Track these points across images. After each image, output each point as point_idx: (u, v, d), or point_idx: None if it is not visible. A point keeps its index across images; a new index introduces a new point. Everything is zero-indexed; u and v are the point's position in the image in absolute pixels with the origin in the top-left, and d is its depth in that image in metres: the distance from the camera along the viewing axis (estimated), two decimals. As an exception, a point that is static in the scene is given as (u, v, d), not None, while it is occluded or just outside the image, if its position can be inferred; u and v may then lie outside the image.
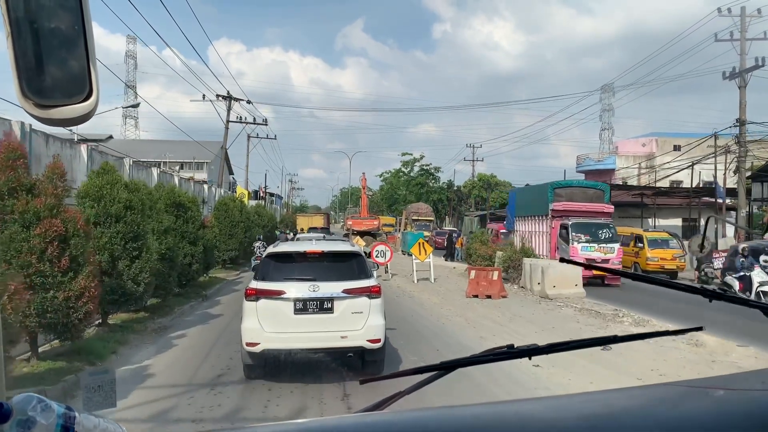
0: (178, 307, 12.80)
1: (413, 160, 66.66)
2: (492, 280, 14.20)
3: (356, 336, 6.86)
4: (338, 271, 7.15)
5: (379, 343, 6.92)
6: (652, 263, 20.23)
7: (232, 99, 31.97)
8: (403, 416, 1.00)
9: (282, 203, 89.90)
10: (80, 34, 0.87)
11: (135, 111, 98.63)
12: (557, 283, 13.95)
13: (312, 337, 6.92)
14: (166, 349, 9.02)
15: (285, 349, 7.33)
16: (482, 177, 60.13)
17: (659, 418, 0.94)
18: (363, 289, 6.96)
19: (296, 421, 1.07)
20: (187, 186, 25.87)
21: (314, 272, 7.06)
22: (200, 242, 14.74)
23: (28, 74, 0.85)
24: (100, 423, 0.88)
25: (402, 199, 70.39)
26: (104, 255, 9.04)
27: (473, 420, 0.97)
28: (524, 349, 1.13)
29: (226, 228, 21.74)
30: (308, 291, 6.84)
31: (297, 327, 6.84)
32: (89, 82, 0.88)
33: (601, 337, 1.20)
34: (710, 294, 1.22)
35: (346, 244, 9.30)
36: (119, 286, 9.26)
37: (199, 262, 14.51)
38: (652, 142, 62.21)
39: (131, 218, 9.52)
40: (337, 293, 6.86)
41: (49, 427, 0.80)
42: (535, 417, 1.00)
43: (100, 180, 9.50)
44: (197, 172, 51.01)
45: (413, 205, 50.51)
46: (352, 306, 6.89)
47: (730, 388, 1.10)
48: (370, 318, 6.91)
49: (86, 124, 0.97)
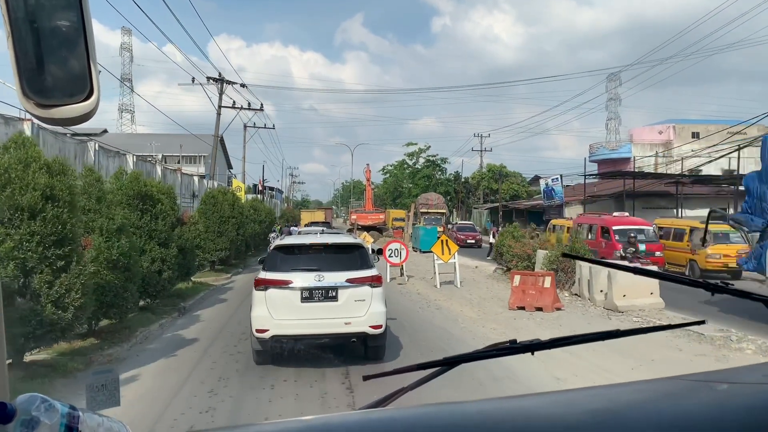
0: (142, 329, 9.87)
1: (418, 151, 63.44)
2: (543, 288, 11.25)
3: (359, 322, 7.22)
4: (342, 262, 7.49)
5: (380, 329, 7.31)
6: (713, 261, 17.23)
7: (224, 82, 28.95)
8: (406, 413, 0.99)
9: (282, 198, 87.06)
10: (80, 34, 0.86)
11: (131, 105, 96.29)
12: (628, 292, 10.98)
13: (318, 324, 7.23)
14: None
15: (293, 335, 7.39)
16: (492, 167, 57.01)
17: (663, 412, 0.92)
18: (365, 279, 7.35)
19: (300, 419, 0.99)
20: (173, 178, 22.98)
21: (319, 263, 7.42)
22: (174, 243, 11.79)
23: (28, 74, 0.84)
24: (104, 422, 0.88)
25: (407, 193, 67.33)
26: (8, 267, 6.10)
27: (478, 416, 0.96)
28: (527, 344, 1.12)
29: (215, 225, 18.78)
30: (314, 280, 7.22)
31: (304, 314, 7.19)
32: (90, 82, 0.87)
33: (604, 332, 1.19)
34: (712, 287, 1.23)
35: (349, 237, 9.76)
36: (33, 313, 6.32)
37: (172, 267, 11.57)
38: (669, 129, 59.17)
39: (53, 213, 6.57)
40: (341, 282, 7.25)
41: (53, 426, 0.80)
42: (539, 413, 0.98)
43: (7, 158, 6.55)
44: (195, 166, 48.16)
45: (423, 196, 45.11)
46: (355, 294, 7.26)
47: (733, 382, 1.09)
48: (372, 305, 7.28)
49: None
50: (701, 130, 59.03)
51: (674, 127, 58.57)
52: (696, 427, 0.88)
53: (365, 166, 53.60)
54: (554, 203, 40.51)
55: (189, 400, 6.17)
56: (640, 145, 57.97)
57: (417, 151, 63.38)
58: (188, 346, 9.01)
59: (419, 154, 63.41)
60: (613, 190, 40.35)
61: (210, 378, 7.07)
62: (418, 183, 61.79)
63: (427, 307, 12.27)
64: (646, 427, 0.88)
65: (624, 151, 57.86)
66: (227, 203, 19.92)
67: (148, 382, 6.94)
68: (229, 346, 8.87)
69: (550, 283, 11.23)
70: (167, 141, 54.23)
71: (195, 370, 7.49)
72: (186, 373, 7.39)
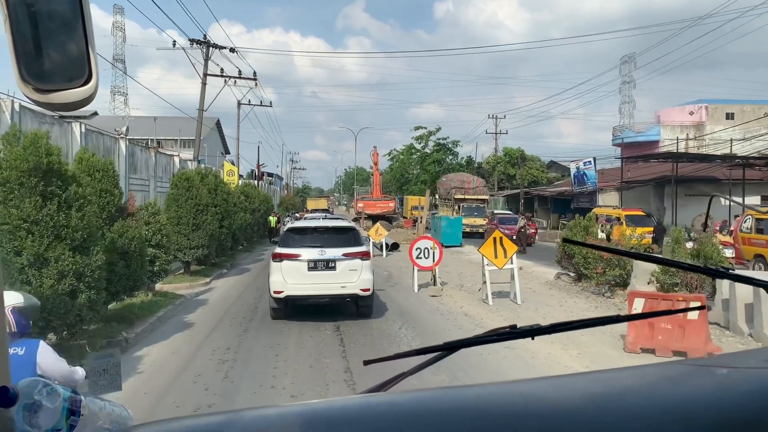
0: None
1: (427, 134, 58.54)
2: (686, 321, 7.00)
3: (352, 286, 9.49)
4: (339, 241, 9.77)
5: (368, 291, 9.61)
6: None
7: (210, 46, 24.55)
8: (406, 397, 0.98)
9: (283, 185, 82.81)
10: (78, 17, 0.85)
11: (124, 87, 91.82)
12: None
13: (320, 287, 9.51)
14: None
15: (301, 296, 9.59)
16: (509, 151, 52.45)
17: (663, 397, 0.92)
18: (357, 254, 9.70)
19: (301, 403, 1.04)
20: (144, 157, 18.68)
21: (322, 241, 9.74)
22: (100, 247, 7.54)
23: (26, 58, 0.84)
24: (105, 406, 0.91)
25: (415, 180, 62.64)
26: None
27: (477, 400, 0.97)
28: (527, 329, 1.13)
29: (189, 215, 14.52)
30: (317, 254, 9.52)
31: (310, 280, 9.47)
32: (88, 66, 0.86)
33: (604, 317, 1.20)
34: (714, 272, 1.23)
35: (344, 221, 12.18)
36: None
37: (95, 285, 7.32)
38: (701, 109, 54.52)
39: None
40: (339, 256, 9.53)
41: (55, 410, 0.81)
42: (539, 397, 0.97)
43: None
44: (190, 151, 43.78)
45: (452, 177, 35.34)
46: (349, 265, 9.52)
47: (733, 366, 1.09)
48: (362, 274, 9.55)
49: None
50: (736, 110, 54.69)
51: (706, 107, 54.01)
52: (696, 411, 0.87)
53: (372, 149, 49.02)
54: (586, 189, 36.11)
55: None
56: (670, 126, 53.48)
57: (426, 134, 58.50)
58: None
59: (428, 137, 58.60)
60: (652, 175, 36.00)
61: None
62: (428, 168, 57.19)
63: (495, 349, 7.99)
64: (646, 411, 0.86)
65: (652, 133, 53.32)
66: (207, 188, 15.64)
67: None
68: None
69: (698, 315, 6.95)
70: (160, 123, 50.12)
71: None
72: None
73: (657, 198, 36.01)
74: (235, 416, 0.92)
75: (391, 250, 22.22)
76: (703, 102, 55.43)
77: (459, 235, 23.97)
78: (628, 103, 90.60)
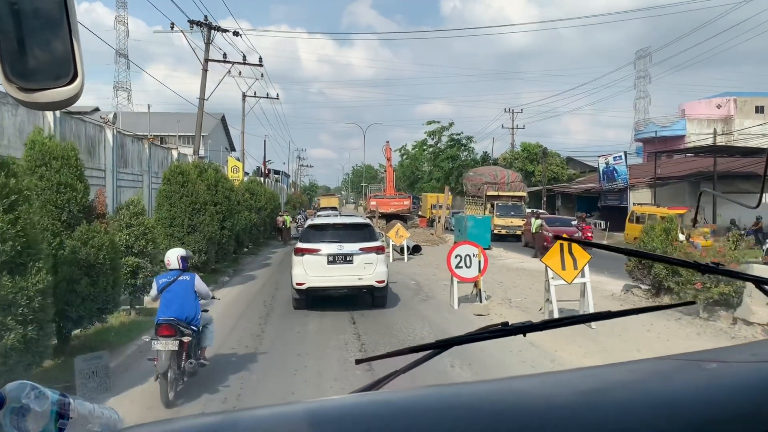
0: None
1: (441, 129, 56.23)
2: None
3: (368, 278, 10.17)
4: (356, 236, 10.50)
5: (383, 283, 10.29)
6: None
7: (211, 28, 22.38)
8: (399, 395, 0.98)
9: (289, 182, 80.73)
10: (63, 15, 0.83)
11: (127, 83, 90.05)
12: None
13: (339, 279, 10.20)
14: None
15: (321, 287, 10.29)
16: (527, 146, 50.05)
17: (653, 392, 0.92)
18: (372, 248, 10.34)
19: (295, 402, 1.04)
20: (136, 148, 16.57)
21: (340, 237, 10.48)
22: (39, 264, 5.35)
23: (11, 57, 0.81)
24: (94, 409, 0.88)
25: (427, 177, 60.37)
26: None
27: (470, 397, 0.96)
28: (519, 326, 1.10)
29: (184, 215, 12.34)
30: (336, 249, 10.20)
31: (329, 272, 10.16)
32: (74, 64, 0.84)
33: (594, 313, 1.20)
34: (703, 267, 1.22)
35: (360, 218, 13.83)
36: None
37: (32, 320, 5.14)
38: (729, 102, 51.90)
39: None
40: (356, 250, 10.20)
41: (43, 414, 0.80)
42: (531, 393, 0.98)
43: None
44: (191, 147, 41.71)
45: (483, 170, 30.65)
46: (366, 259, 10.20)
47: (722, 361, 1.07)
48: (377, 267, 10.24)
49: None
50: (766, 103, 52.12)
51: (735, 100, 51.41)
52: (685, 405, 0.87)
53: (385, 144, 46.58)
54: (616, 186, 33.69)
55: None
56: (696, 120, 50.95)
57: (439, 128, 56.20)
58: None
59: (441, 132, 56.26)
60: (685, 171, 33.61)
61: None
62: (441, 165, 54.88)
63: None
64: (635, 407, 0.86)
65: (677, 127, 50.79)
66: (205, 183, 13.45)
67: None
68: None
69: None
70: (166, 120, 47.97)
71: None
72: None
73: (693, 195, 33.69)
74: (226, 417, 0.92)
75: (413, 253, 20.01)
76: (730, 95, 52.87)
77: (488, 236, 21.62)
78: (643, 99, 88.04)
